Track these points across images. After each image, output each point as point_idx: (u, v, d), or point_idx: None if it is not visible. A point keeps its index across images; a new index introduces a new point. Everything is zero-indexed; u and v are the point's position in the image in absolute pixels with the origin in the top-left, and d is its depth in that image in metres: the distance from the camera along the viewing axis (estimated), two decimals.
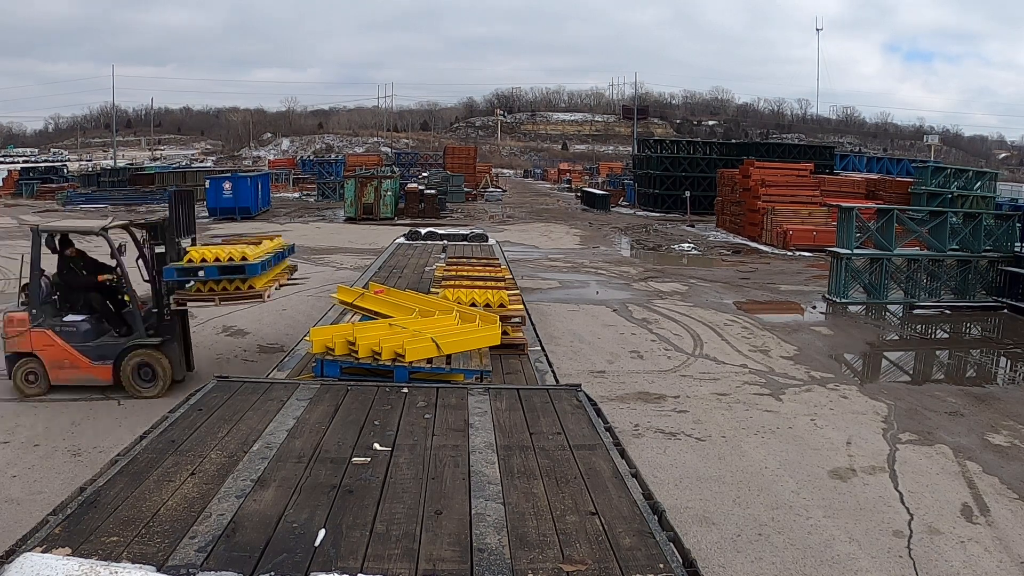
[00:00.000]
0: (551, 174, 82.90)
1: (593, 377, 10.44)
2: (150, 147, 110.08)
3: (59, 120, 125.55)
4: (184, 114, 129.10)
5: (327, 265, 20.31)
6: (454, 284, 7.39)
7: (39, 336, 9.29)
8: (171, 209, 9.46)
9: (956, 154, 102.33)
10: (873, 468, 7.74)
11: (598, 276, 19.82)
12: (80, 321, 9.53)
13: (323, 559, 2.52)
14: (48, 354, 9.30)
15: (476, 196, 48.03)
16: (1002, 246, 16.95)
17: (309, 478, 3.17)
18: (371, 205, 34.01)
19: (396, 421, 3.94)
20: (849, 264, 16.59)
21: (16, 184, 47.81)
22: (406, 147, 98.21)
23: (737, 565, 5.84)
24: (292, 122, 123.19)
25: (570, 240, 28.17)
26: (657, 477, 7.12)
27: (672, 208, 38.68)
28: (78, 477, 6.58)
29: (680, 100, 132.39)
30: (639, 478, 3.32)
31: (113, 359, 9.35)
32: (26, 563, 2.22)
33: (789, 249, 25.24)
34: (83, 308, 9.70)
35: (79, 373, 9.35)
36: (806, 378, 10.90)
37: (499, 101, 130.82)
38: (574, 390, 4.61)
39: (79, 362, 9.34)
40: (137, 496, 2.94)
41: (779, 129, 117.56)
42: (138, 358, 9.34)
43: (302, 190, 50.57)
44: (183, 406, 4.09)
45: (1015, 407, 9.85)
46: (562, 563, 2.54)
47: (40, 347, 9.30)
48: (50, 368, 9.33)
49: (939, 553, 6.08)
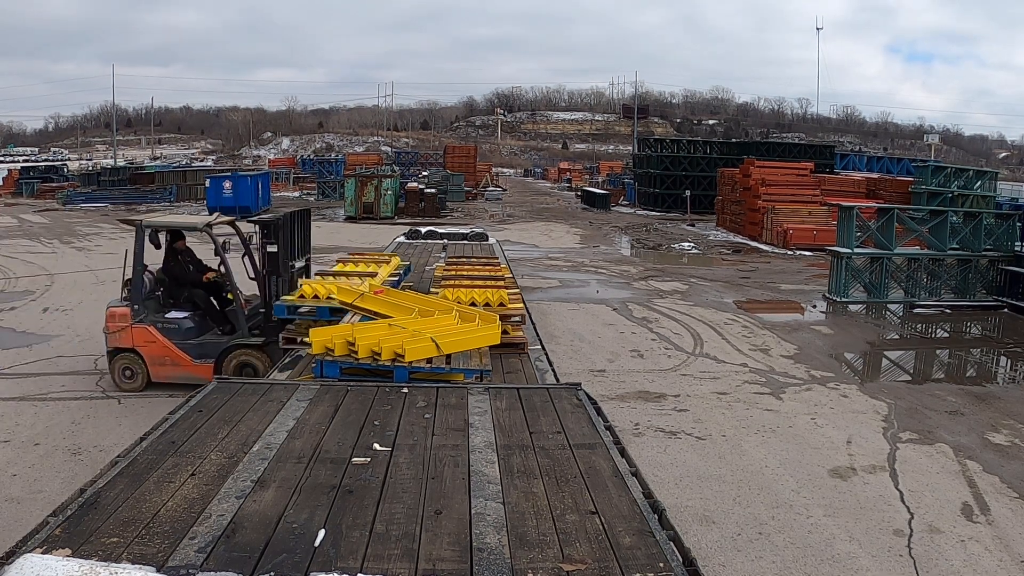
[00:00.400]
0: (551, 173, 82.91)
1: (593, 376, 10.44)
2: (150, 146, 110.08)
3: (59, 119, 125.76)
4: (184, 113, 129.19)
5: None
6: (454, 284, 7.39)
7: (141, 332, 9.25)
8: (287, 228, 9.14)
9: (956, 153, 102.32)
10: (873, 467, 7.74)
11: (598, 275, 19.83)
12: (183, 318, 9.45)
13: (323, 559, 2.51)
14: (150, 350, 9.24)
15: (476, 195, 48.06)
16: (1002, 245, 16.94)
17: (309, 478, 3.17)
18: (371, 204, 34.01)
19: (396, 421, 3.94)
20: (849, 263, 16.59)
21: (16, 183, 47.80)
22: (406, 146, 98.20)
23: (737, 564, 5.84)
24: (292, 121, 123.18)
25: (570, 239, 28.17)
26: (657, 476, 7.12)
27: (672, 207, 38.68)
28: (78, 476, 6.59)
29: (680, 99, 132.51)
30: (639, 477, 3.32)
31: (215, 358, 9.13)
32: (26, 564, 2.23)
33: (789, 248, 25.24)
34: (187, 305, 9.63)
35: (180, 371, 9.23)
36: (806, 377, 10.90)
37: (499, 100, 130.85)
38: (574, 389, 4.61)
39: (181, 359, 9.26)
40: (137, 497, 2.94)
41: (779, 128, 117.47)
42: (240, 358, 9.09)
43: (302, 189, 50.60)
44: (183, 407, 4.09)
45: (1015, 406, 9.85)
46: (562, 562, 2.54)
47: (142, 343, 9.25)
48: (151, 364, 9.28)
49: (939, 552, 6.08)
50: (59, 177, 51.08)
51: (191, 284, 9.69)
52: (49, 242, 24.66)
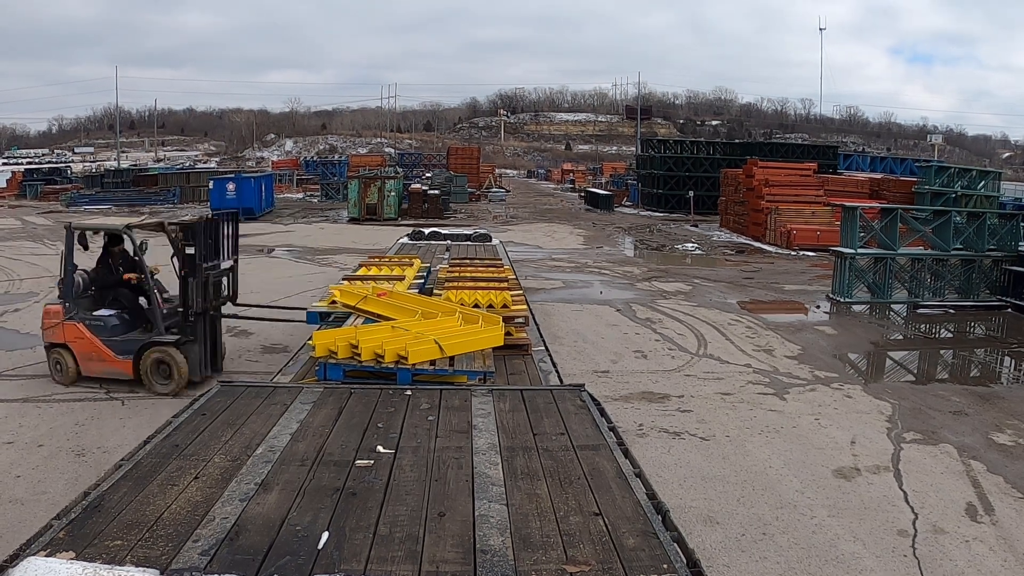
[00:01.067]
0: (554, 174, 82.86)
1: (597, 377, 10.43)
2: (154, 148, 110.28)
3: (63, 122, 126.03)
4: (188, 115, 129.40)
5: (331, 266, 20.33)
6: (457, 285, 7.39)
7: (71, 329, 9.72)
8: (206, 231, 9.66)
9: (960, 153, 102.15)
10: (877, 467, 7.72)
11: (602, 276, 19.81)
12: (109, 316, 9.88)
13: (326, 562, 2.52)
14: (79, 346, 9.71)
15: (480, 196, 48.06)
16: (1006, 245, 16.88)
17: (312, 481, 3.18)
18: (375, 206, 34.02)
19: (399, 423, 3.94)
20: (853, 264, 16.55)
21: (20, 185, 47.93)
22: (409, 148, 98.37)
23: (741, 565, 5.83)
24: (295, 123, 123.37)
25: (574, 240, 28.16)
26: (661, 477, 7.11)
27: (676, 208, 38.63)
28: (82, 478, 6.61)
29: (683, 100, 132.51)
30: (643, 478, 3.31)
31: (133, 354, 9.56)
32: (30, 567, 2.24)
33: (793, 249, 25.20)
34: (113, 304, 10.06)
35: (105, 366, 9.69)
36: (810, 377, 10.88)
37: (502, 101, 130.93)
38: (578, 390, 4.60)
39: (105, 355, 9.66)
40: (141, 500, 2.94)
41: (783, 129, 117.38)
42: (156, 355, 9.49)
43: (306, 191, 50.64)
44: (187, 411, 4.10)
45: (1019, 406, 9.82)
46: (565, 564, 2.54)
47: (72, 339, 9.72)
48: (81, 360, 9.73)
49: (944, 552, 6.07)
50: (63, 179, 51.25)
51: (115, 284, 10.08)
52: (53, 244, 24.70)
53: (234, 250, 10.48)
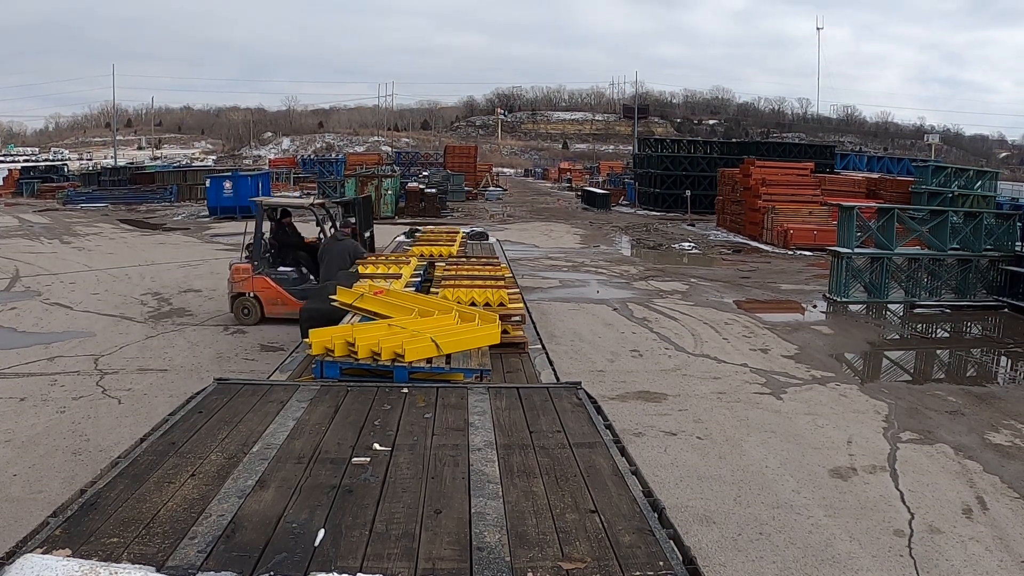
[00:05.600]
0: (551, 173, 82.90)
1: (593, 376, 10.43)
2: (151, 146, 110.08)
3: (59, 119, 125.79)
4: (184, 113, 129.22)
5: None
6: (454, 283, 7.38)
7: (260, 281, 12.95)
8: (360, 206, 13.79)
9: (957, 153, 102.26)
10: (874, 467, 7.74)
11: (598, 275, 19.83)
12: (290, 271, 13.28)
13: (322, 559, 2.51)
14: (266, 294, 12.91)
15: (477, 195, 48.06)
16: (1003, 245, 16.92)
17: (309, 478, 3.17)
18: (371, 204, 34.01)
19: (396, 421, 3.93)
20: (850, 263, 16.58)
21: (17, 183, 47.89)
22: (406, 146, 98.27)
23: (737, 564, 5.84)
24: (292, 121, 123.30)
25: (571, 239, 28.17)
26: (658, 476, 7.11)
27: (673, 207, 38.66)
28: (78, 476, 6.60)
29: (680, 99, 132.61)
30: (639, 476, 3.31)
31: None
32: (26, 564, 2.23)
33: (790, 248, 25.23)
34: (291, 263, 13.43)
35: (287, 308, 12.27)
36: (807, 377, 10.89)
37: (499, 100, 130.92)
38: (574, 388, 4.60)
39: (287, 300, 12.61)
40: (137, 498, 2.94)
41: (780, 128, 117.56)
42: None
43: (303, 189, 50.51)
44: (183, 408, 4.09)
45: (1016, 406, 9.85)
46: (561, 561, 2.53)
47: (260, 289, 12.94)
48: (266, 304, 12.86)
49: (940, 552, 6.08)
50: (59, 177, 51.15)
51: (295, 247, 13.58)
52: (49, 242, 24.67)
53: (368, 223, 14.21)
